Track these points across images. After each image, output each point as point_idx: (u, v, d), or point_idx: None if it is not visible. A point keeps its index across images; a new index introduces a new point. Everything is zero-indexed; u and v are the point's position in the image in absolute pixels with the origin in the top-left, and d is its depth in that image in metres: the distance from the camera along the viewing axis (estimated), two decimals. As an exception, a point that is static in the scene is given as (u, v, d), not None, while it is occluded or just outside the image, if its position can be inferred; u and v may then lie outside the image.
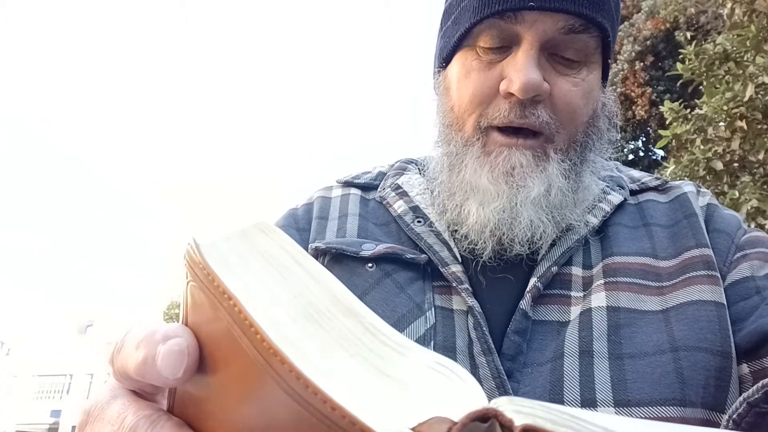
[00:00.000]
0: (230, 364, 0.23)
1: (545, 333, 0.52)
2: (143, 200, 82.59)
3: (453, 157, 0.59)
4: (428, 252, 0.57)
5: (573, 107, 0.56)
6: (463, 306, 0.54)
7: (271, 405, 0.21)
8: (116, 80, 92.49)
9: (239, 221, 0.28)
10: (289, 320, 0.22)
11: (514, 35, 0.55)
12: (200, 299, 0.25)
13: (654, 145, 9.41)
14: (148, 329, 0.26)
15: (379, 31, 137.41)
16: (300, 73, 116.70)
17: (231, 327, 0.22)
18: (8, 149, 76.06)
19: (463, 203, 0.58)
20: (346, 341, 0.22)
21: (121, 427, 0.26)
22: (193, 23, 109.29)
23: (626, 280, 0.53)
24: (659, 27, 9.14)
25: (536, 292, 0.53)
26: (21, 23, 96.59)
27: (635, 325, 0.50)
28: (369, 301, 0.54)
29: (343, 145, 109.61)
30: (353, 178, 0.72)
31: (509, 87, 0.54)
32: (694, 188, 0.63)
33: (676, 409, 0.45)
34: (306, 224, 0.66)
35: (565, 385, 0.47)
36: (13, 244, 65.00)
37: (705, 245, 0.54)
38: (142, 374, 0.25)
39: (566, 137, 0.57)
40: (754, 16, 3.80)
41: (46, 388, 26.56)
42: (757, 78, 3.82)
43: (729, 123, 3.96)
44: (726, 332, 0.48)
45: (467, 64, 0.58)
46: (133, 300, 61.31)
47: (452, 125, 0.60)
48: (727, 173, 4.01)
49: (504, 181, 0.55)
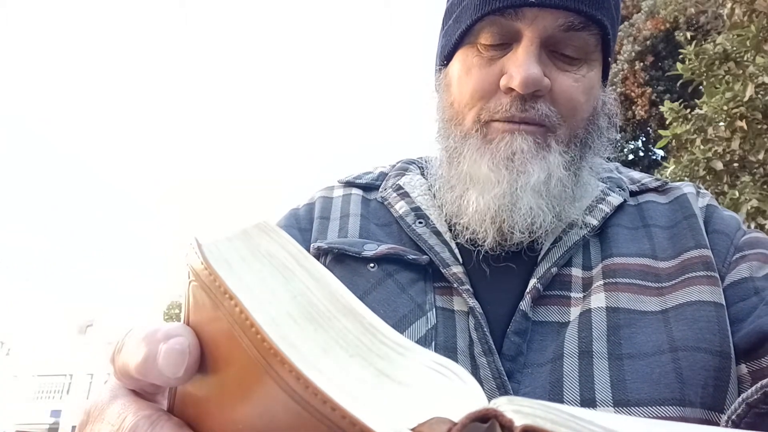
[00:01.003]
0: (231, 364, 0.23)
1: (545, 334, 0.52)
2: (143, 200, 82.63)
3: (452, 150, 0.60)
4: (429, 253, 0.57)
5: (574, 103, 0.56)
6: (464, 307, 0.54)
7: (271, 405, 0.21)
8: (116, 80, 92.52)
9: (239, 221, 0.29)
10: (289, 320, 0.22)
11: (514, 32, 0.55)
12: (201, 299, 0.25)
13: (654, 145, 9.41)
14: (149, 328, 0.26)
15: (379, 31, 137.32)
16: (300, 73, 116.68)
17: (232, 327, 0.22)
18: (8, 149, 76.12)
19: (463, 194, 0.58)
20: (347, 342, 0.22)
21: (121, 427, 0.26)
22: (193, 23, 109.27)
23: (626, 280, 0.53)
24: (659, 27, 9.14)
25: (536, 293, 0.53)
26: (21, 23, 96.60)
27: (635, 326, 0.50)
28: (370, 302, 0.54)
29: (343, 145, 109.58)
30: (355, 178, 0.72)
31: (510, 82, 0.54)
32: (693, 189, 0.63)
33: (676, 409, 0.45)
34: (308, 224, 0.66)
35: (564, 385, 0.47)
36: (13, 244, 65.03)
37: (704, 246, 0.55)
38: (143, 373, 0.25)
39: (567, 131, 0.57)
40: (754, 16, 3.80)
41: (46, 388, 26.56)
42: (757, 78, 3.82)
43: (729, 123, 3.96)
44: (725, 333, 0.48)
45: (468, 61, 0.58)
46: (133, 300, 61.30)
47: (452, 120, 0.60)
48: (727, 173, 4.01)
49: (504, 167, 0.55)
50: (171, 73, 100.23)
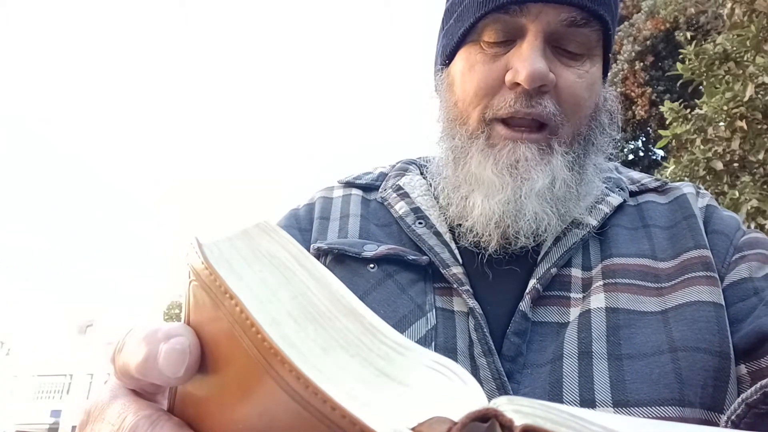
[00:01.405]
0: (231, 364, 0.24)
1: (545, 334, 0.52)
2: (143, 200, 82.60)
3: (458, 150, 0.59)
4: (429, 253, 0.57)
5: (578, 99, 0.56)
6: (464, 307, 0.54)
7: (271, 405, 0.21)
8: (116, 80, 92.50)
9: (239, 221, 0.29)
10: (290, 320, 0.22)
11: (518, 28, 0.55)
12: (202, 299, 0.25)
13: (654, 145, 9.41)
14: (149, 328, 0.26)
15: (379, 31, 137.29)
16: (300, 73, 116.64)
17: (232, 326, 0.22)
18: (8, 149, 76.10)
19: (468, 195, 0.58)
20: (347, 341, 0.22)
21: (121, 426, 0.26)
22: (193, 23, 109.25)
23: (625, 281, 0.53)
24: (659, 27, 9.14)
25: (535, 294, 0.53)
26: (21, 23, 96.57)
27: (634, 326, 0.50)
28: (370, 302, 0.54)
29: (343, 145, 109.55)
30: (354, 178, 0.72)
31: (515, 77, 0.54)
32: (693, 189, 0.63)
33: (675, 409, 0.45)
34: (308, 224, 0.66)
35: (564, 385, 0.47)
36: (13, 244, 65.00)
37: (704, 246, 0.55)
38: (144, 372, 0.25)
39: (570, 130, 0.57)
40: (754, 16, 3.80)
41: (46, 388, 26.55)
42: (757, 78, 3.82)
43: (729, 123, 3.96)
44: (724, 333, 0.48)
45: (471, 59, 0.58)
46: (133, 300, 61.29)
47: (456, 119, 0.60)
48: (727, 173, 4.01)
49: (508, 174, 0.55)
50: (171, 73, 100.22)
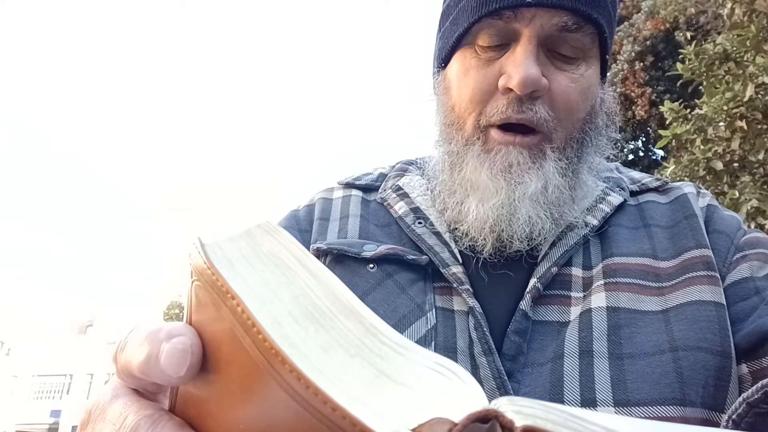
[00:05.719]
0: (232, 364, 0.24)
1: (545, 333, 0.52)
2: (143, 200, 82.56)
3: (454, 155, 0.60)
4: (429, 253, 0.58)
5: (571, 104, 0.56)
6: (464, 307, 0.54)
7: (272, 405, 0.21)
8: (116, 80, 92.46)
9: (239, 221, 0.29)
10: (291, 320, 0.22)
11: (512, 32, 0.55)
12: (204, 299, 0.25)
13: (654, 145, 9.41)
14: (151, 327, 0.26)
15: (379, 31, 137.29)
16: (300, 73, 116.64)
17: (233, 326, 0.22)
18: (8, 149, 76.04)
19: (464, 200, 0.58)
20: (347, 342, 0.22)
21: (122, 426, 0.26)
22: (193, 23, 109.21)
23: (626, 280, 0.53)
24: (659, 27, 9.14)
25: (536, 293, 0.53)
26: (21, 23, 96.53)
27: (635, 326, 0.50)
28: (370, 302, 0.54)
29: (344, 145, 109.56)
30: (354, 179, 0.72)
31: (508, 82, 0.54)
32: (694, 189, 0.63)
33: (676, 408, 0.45)
34: (307, 225, 0.67)
35: (565, 385, 0.47)
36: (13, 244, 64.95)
37: (705, 246, 0.55)
38: (145, 372, 0.25)
39: (563, 135, 0.57)
40: (754, 16, 3.79)
41: (46, 388, 26.55)
42: (757, 78, 3.81)
43: (729, 123, 3.95)
44: (726, 332, 0.48)
45: (466, 63, 0.58)
46: (133, 300, 61.31)
47: (453, 124, 0.60)
48: (727, 173, 4.01)
49: (502, 178, 0.55)
50: (171, 73, 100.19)
